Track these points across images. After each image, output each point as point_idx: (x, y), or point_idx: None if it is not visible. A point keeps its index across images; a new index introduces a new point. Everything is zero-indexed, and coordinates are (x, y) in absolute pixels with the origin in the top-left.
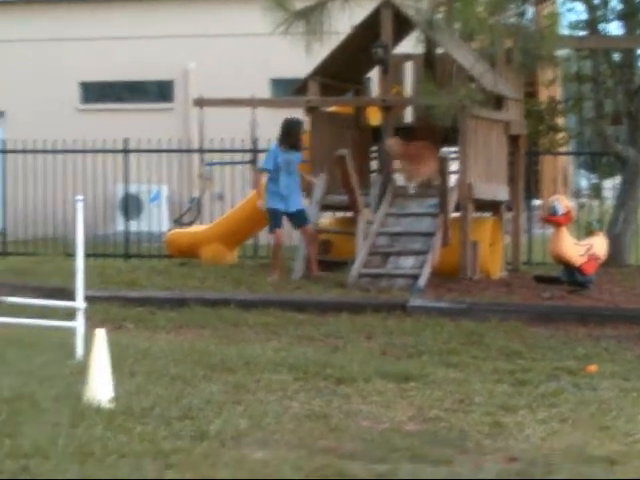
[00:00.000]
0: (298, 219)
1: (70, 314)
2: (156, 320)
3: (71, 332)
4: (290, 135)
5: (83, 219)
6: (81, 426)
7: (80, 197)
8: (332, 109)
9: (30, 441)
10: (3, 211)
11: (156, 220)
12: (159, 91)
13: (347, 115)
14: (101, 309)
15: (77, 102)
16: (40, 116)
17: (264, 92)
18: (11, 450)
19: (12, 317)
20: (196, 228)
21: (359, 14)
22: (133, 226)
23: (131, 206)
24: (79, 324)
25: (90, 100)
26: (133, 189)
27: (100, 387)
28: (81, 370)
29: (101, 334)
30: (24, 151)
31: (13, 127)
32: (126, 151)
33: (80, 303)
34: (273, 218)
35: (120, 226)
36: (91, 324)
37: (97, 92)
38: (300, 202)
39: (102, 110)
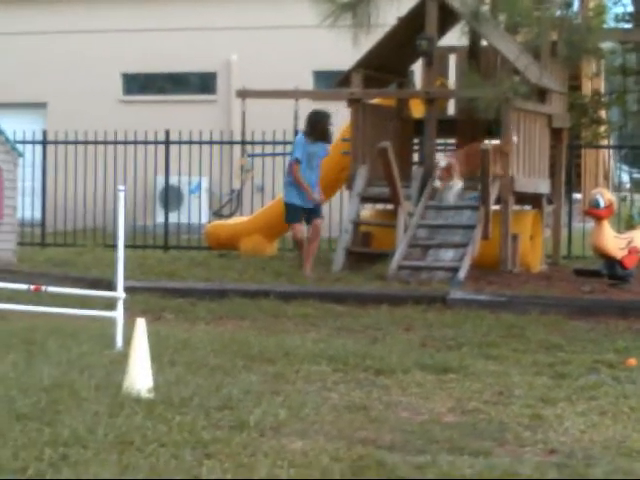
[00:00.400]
0: (313, 213)
1: (109, 305)
2: (196, 311)
3: (111, 322)
4: (317, 127)
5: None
6: (120, 415)
7: (122, 187)
8: (375, 101)
9: (69, 430)
10: (43, 202)
11: (196, 212)
12: (201, 83)
13: (390, 107)
14: (141, 300)
15: (119, 93)
16: (82, 107)
17: (307, 84)
18: (50, 438)
19: (52, 307)
20: (236, 220)
21: (406, 6)
22: (173, 218)
23: (171, 198)
24: (119, 314)
25: (132, 91)
26: (173, 181)
27: (140, 377)
28: (120, 360)
29: (141, 324)
30: (65, 142)
31: (54, 118)
32: (167, 143)
33: (120, 293)
34: (290, 212)
35: (160, 217)
36: (131, 314)
37: (139, 83)
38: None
39: (144, 102)
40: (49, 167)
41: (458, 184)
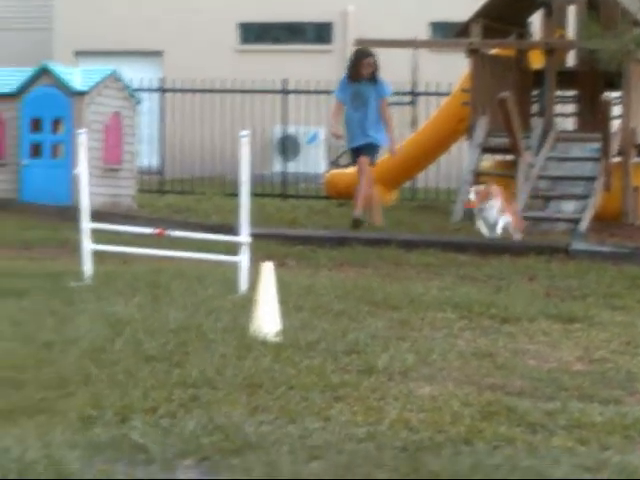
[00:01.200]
0: (363, 149)
1: (230, 250)
2: (317, 258)
3: (233, 267)
4: (351, 66)
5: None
6: (248, 358)
7: (245, 132)
8: (494, 52)
9: (198, 371)
10: (161, 150)
11: (313, 161)
12: (318, 33)
13: (509, 58)
14: (262, 246)
15: (236, 43)
16: (198, 56)
17: (423, 35)
18: (179, 379)
19: (174, 251)
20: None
21: None
22: (290, 167)
23: (289, 147)
24: (243, 258)
25: (249, 41)
26: (291, 130)
27: (266, 320)
28: (245, 304)
29: (268, 267)
30: (182, 90)
31: (171, 67)
32: (285, 92)
33: (245, 237)
34: (352, 155)
35: (277, 167)
36: (253, 260)
37: (255, 33)
38: (368, 138)
39: (260, 51)
40: (167, 115)
41: (493, 210)
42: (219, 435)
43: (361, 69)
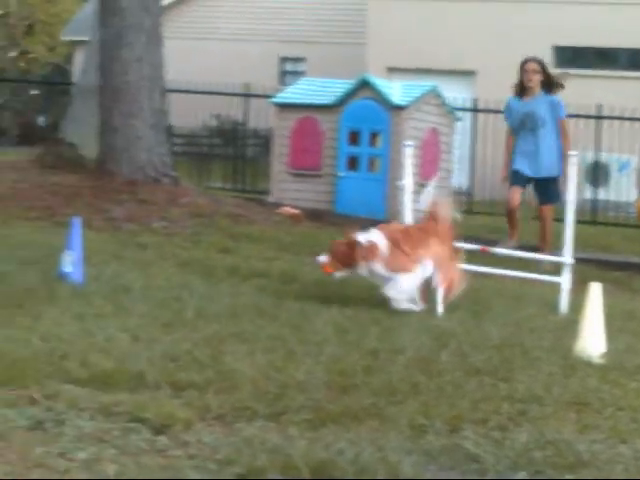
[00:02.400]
0: (542, 191)
1: (541, 271)
2: (635, 284)
3: (551, 287)
4: (518, 81)
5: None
6: (574, 377)
7: (574, 152)
8: None
9: (524, 387)
10: (471, 171)
11: (624, 190)
12: (631, 59)
13: None
14: (577, 269)
15: (550, 66)
16: (511, 77)
17: None
18: (507, 394)
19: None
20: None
21: None
22: (600, 194)
23: (599, 174)
24: (565, 279)
25: (562, 64)
26: (602, 157)
27: (592, 341)
28: (566, 325)
29: (596, 288)
30: (496, 111)
31: (484, 87)
32: (598, 117)
33: (568, 259)
34: (512, 176)
35: (587, 193)
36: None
37: (569, 57)
38: (549, 168)
39: (574, 75)
40: (479, 135)
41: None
42: (551, 450)
43: (525, 79)
